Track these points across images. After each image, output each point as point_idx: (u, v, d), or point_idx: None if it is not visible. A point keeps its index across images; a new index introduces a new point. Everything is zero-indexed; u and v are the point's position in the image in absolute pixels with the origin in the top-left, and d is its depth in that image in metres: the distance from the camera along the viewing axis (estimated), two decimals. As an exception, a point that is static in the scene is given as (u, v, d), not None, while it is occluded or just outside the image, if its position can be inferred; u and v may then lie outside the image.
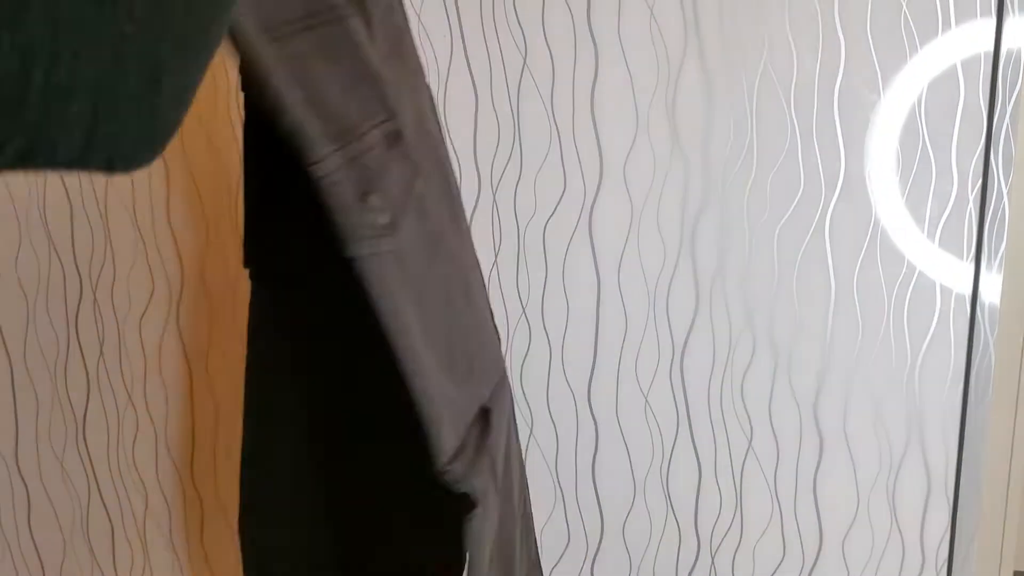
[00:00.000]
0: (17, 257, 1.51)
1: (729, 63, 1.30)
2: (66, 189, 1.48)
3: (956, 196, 1.27)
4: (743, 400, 1.37)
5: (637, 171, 1.34)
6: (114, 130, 0.30)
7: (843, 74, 1.28)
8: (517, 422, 1.11)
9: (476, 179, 1.38)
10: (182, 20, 0.30)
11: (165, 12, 0.29)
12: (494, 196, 1.39)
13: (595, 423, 1.42)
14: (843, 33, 1.27)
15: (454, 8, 1.35)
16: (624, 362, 1.40)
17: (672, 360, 1.38)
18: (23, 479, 1.60)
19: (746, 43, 1.29)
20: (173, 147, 1.43)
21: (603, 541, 1.46)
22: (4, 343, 1.55)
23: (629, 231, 1.36)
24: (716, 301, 1.36)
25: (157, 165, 1.47)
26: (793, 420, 1.36)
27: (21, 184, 1.48)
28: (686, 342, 1.38)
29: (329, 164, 0.63)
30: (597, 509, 1.45)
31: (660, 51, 1.31)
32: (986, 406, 1.31)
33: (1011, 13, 1.24)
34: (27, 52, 0.26)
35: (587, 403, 1.42)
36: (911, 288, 1.30)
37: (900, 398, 1.32)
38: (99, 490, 1.59)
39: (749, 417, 1.37)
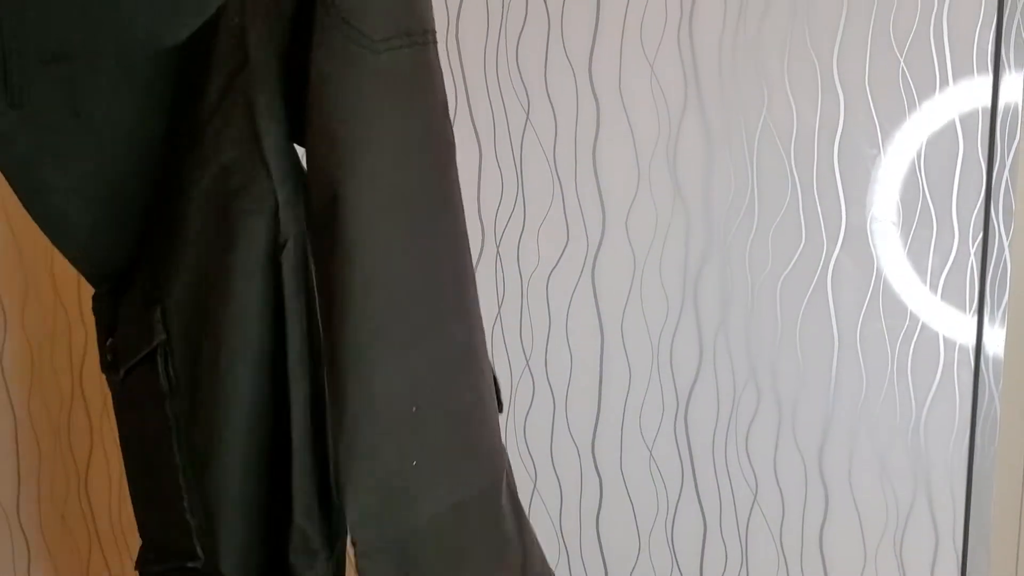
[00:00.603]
0: (24, 308, 1.52)
1: (729, 117, 1.31)
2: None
3: (957, 249, 1.28)
4: (748, 453, 1.36)
5: (639, 223, 1.35)
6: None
7: (843, 128, 1.29)
8: (516, 476, 1.10)
9: (480, 231, 1.39)
10: None
11: None
12: (497, 248, 1.39)
13: (599, 477, 1.42)
14: (842, 88, 1.28)
15: (458, 62, 1.37)
16: (628, 415, 1.40)
17: (676, 413, 1.38)
18: (23, 532, 1.59)
19: (746, 97, 1.31)
20: None
21: (608, 596, 1.45)
22: (9, 396, 1.55)
23: (632, 283, 1.37)
24: (720, 353, 1.36)
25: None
26: (798, 474, 1.35)
27: (33, 240, 1.50)
28: (690, 394, 1.37)
29: None
30: (601, 564, 1.44)
31: (660, 105, 1.33)
32: (992, 459, 1.30)
33: (1007, 70, 1.25)
34: None
35: (591, 456, 1.42)
36: (914, 340, 1.30)
37: (905, 451, 1.31)
38: (100, 544, 1.58)
39: (754, 471, 1.37)
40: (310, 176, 0.76)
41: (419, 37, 0.75)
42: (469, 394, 0.84)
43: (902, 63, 1.27)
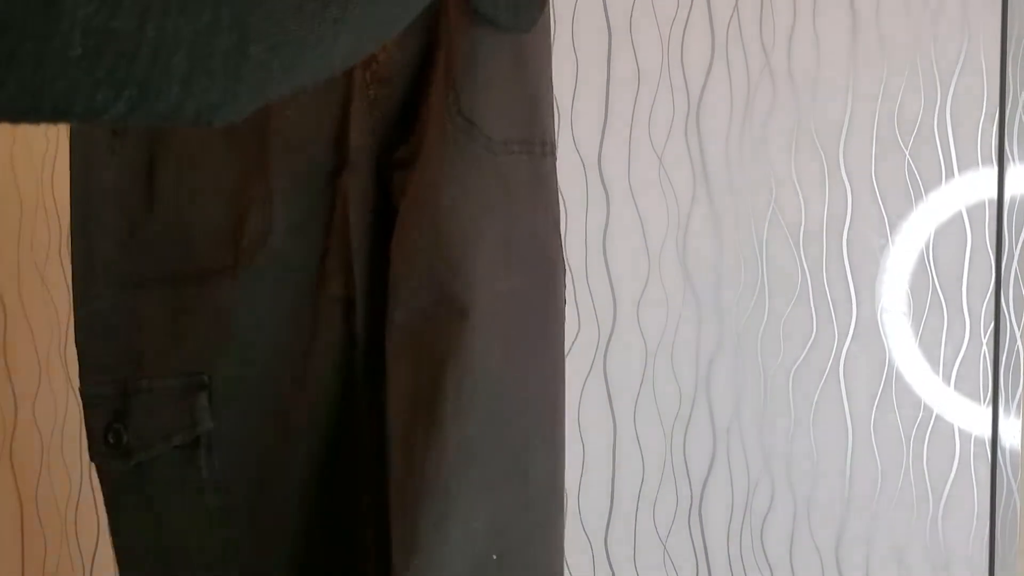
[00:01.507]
0: (36, 395, 1.52)
1: (737, 208, 1.33)
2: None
3: (969, 339, 1.27)
4: (763, 547, 1.34)
5: (650, 314, 1.36)
6: (205, 84, 0.34)
7: (851, 219, 1.30)
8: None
9: (491, 322, 1.39)
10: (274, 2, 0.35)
11: None
12: (508, 338, 1.40)
13: (612, 572, 1.39)
14: (849, 179, 1.30)
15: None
16: (641, 508, 1.38)
17: (691, 505, 1.36)
18: (27, 626, 1.57)
19: (754, 189, 1.32)
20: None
21: None
22: (17, 485, 1.54)
23: (644, 373, 1.36)
24: (733, 445, 1.35)
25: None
26: (815, 567, 1.33)
27: (44, 328, 1.51)
28: (704, 486, 1.36)
29: None
30: (616, 661, 1.40)
31: (669, 196, 1.35)
32: (1014, 554, 1.28)
33: (1012, 161, 1.27)
34: (145, 11, 0.31)
35: (604, 551, 1.39)
36: (929, 432, 1.29)
37: (924, 546, 1.29)
38: (104, 638, 1.56)
39: (770, 565, 1.34)
40: (405, 271, 0.72)
41: (538, 147, 0.74)
42: (554, 544, 0.77)
43: (908, 155, 1.28)
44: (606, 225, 1.37)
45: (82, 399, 0.78)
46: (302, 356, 0.73)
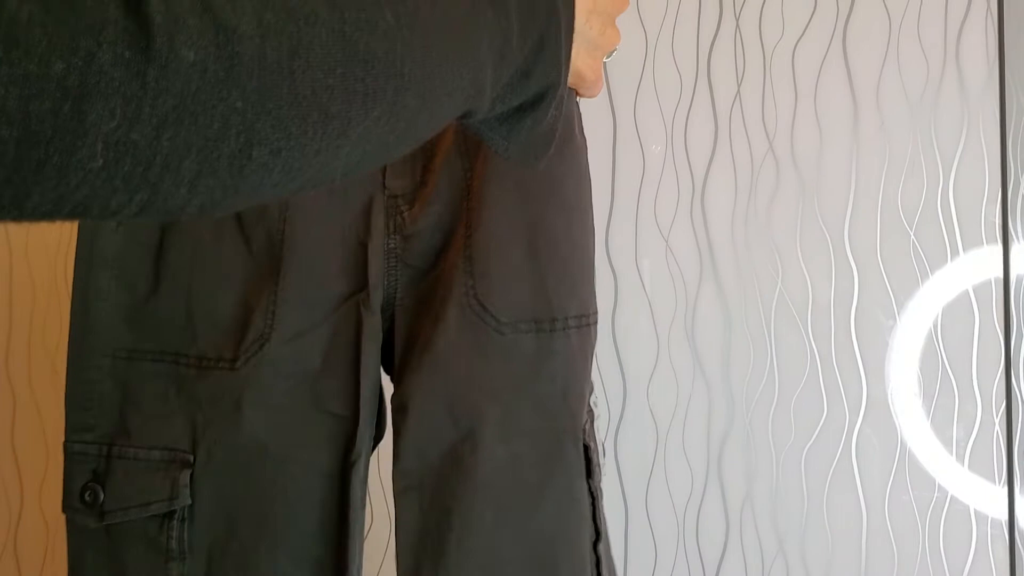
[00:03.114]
0: (43, 483, 1.51)
1: (745, 289, 1.33)
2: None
3: (981, 419, 1.27)
4: (780, 633, 1.32)
5: (660, 395, 1.36)
6: (210, 184, 0.35)
7: (857, 299, 1.31)
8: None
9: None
10: (284, 107, 0.36)
11: (269, 97, 0.35)
12: (518, 421, 1.39)
13: (627, 658, 1.37)
14: (854, 259, 1.31)
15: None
16: (655, 594, 1.36)
17: (704, 590, 1.34)
18: None
19: (760, 270, 1.33)
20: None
21: None
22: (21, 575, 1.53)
23: (655, 455, 1.36)
24: (746, 527, 1.33)
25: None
26: (834, 654, 1.30)
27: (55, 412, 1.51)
28: (718, 570, 1.34)
29: None
30: None
31: (677, 278, 1.36)
32: (1036, 638, 1.25)
33: (1015, 240, 1.28)
34: (161, 123, 0.32)
35: (618, 637, 1.37)
36: (945, 513, 1.27)
37: (945, 630, 1.27)
38: None
39: (788, 651, 1.32)
40: (415, 425, 0.78)
41: (547, 324, 0.79)
42: None
43: (912, 236, 1.30)
44: (615, 306, 1.37)
45: (64, 454, 0.80)
46: (287, 461, 0.76)
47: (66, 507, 0.80)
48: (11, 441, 1.51)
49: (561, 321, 0.80)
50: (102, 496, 0.79)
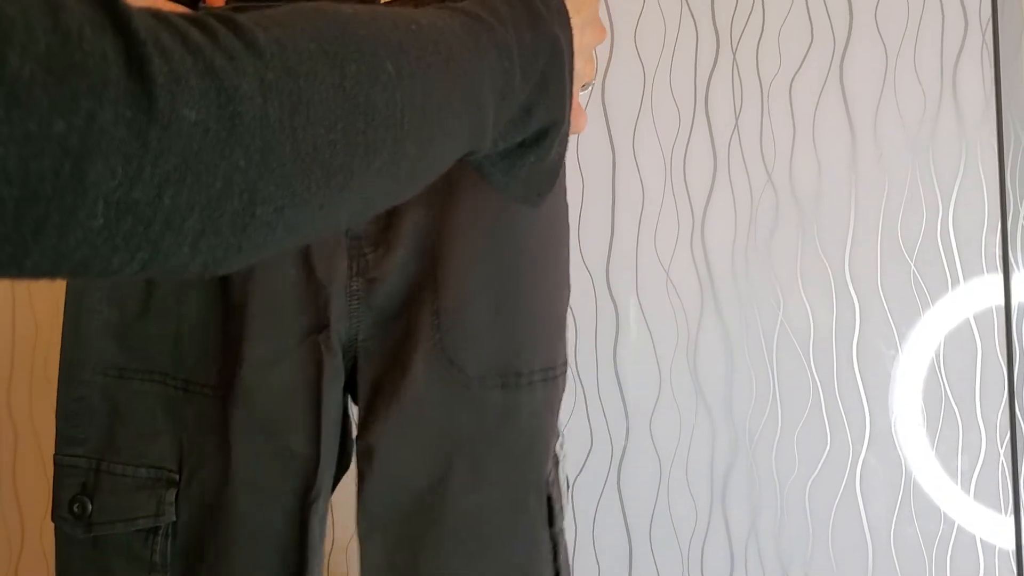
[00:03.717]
0: (44, 519, 1.51)
1: (746, 321, 1.33)
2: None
3: (986, 447, 1.26)
4: (787, 667, 1.31)
5: (663, 428, 1.35)
6: (213, 242, 0.35)
7: (859, 330, 1.31)
8: None
9: (503, 437, 1.39)
10: (287, 164, 0.36)
11: (272, 156, 0.35)
12: (521, 454, 1.39)
13: None
14: (855, 290, 1.31)
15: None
16: (660, 629, 1.35)
17: (710, 624, 1.33)
18: None
19: (761, 302, 1.33)
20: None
21: None
22: (22, 611, 1.52)
23: (659, 488, 1.35)
24: (751, 560, 1.32)
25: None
26: None
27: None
28: (723, 604, 1.33)
29: None
30: None
31: (678, 309, 1.36)
32: (1046, 671, 1.24)
33: (1016, 268, 1.28)
34: (163, 181, 0.32)
35: (623, 673, 1.36)
36: (951, 544, 1.26)
37: (953, 663, 1.26)
38: None
39: None
40: (381, 471, 0.79)
41: (512, 378, 0.80)
42: None
43: (913, 266, 1.30)
44: (616, 339, 1.37)
45: (54, 466, 0.82)
46: (253, 492, 0.78)
47: (55, 516, 0.82)
48: (12, 476, 1.51)
49: (527, 376, 0.81)
50: (90, 508, 0.80)
